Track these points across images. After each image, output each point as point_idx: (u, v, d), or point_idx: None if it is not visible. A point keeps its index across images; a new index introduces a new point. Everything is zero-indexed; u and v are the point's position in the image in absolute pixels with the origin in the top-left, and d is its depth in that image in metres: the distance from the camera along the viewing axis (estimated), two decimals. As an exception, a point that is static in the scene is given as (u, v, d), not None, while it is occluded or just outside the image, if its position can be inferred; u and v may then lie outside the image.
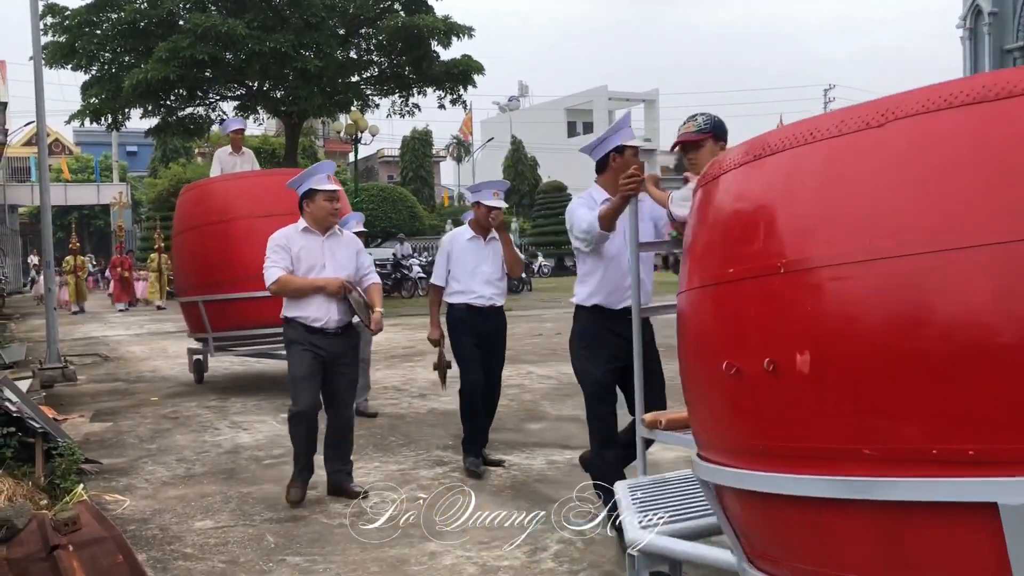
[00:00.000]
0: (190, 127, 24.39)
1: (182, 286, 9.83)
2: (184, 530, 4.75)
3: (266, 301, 7.75)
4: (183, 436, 7.27)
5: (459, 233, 5.92)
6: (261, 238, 8.08)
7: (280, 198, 8.23)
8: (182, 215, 9.69)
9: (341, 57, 23.03)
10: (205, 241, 9.11)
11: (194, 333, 9.79)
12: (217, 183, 9.65)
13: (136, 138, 44.16)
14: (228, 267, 8.76)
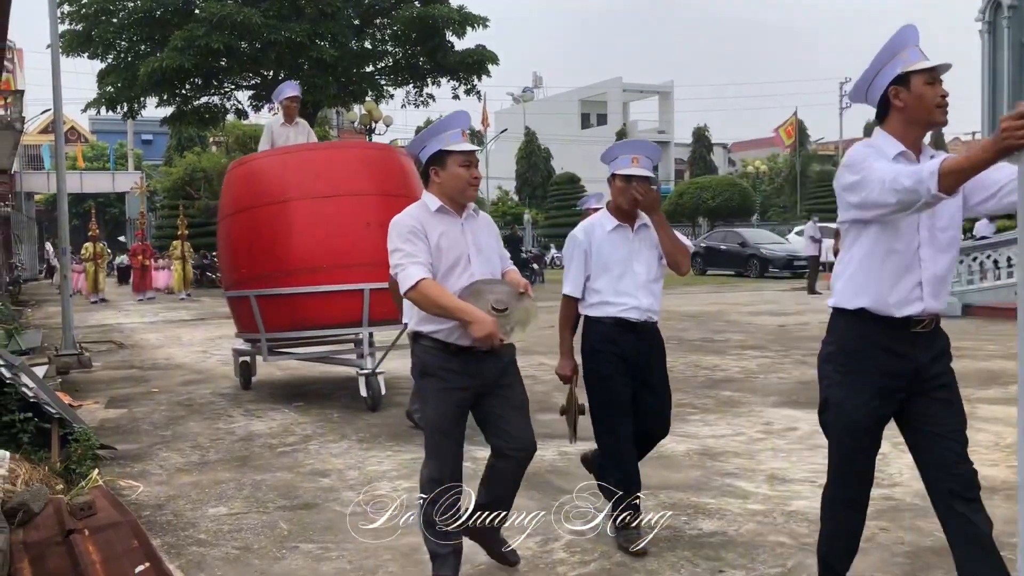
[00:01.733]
0: (205, 116, 24.50)
1: (230, 278, 8.36)
2: (198, 516, 4.79)
3: (332, 297, 7.31)
4: (197, 423, 7.32)
5: (596, 223, 4.20)
6: (326, 222, 7.41)
7: (349, 175, 7.65)
8: (230, 195, 8.26)
9: (356, 47, 23.07)
10: (258, 226, 7.79)
11: (243, 333, 8.48)
12: (272, 157, 8.19)
13: (151, 127, 44.41)
14: (286, 256, 7.54)
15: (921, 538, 4.18)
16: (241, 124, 32.50)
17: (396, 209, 7.13)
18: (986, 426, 6.37)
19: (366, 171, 7.85)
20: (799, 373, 9.17)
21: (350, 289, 7.33)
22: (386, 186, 7.73)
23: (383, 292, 6.87)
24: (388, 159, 8.18)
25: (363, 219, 7.35)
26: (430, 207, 3.70)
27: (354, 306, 7.36)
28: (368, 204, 7.50)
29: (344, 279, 7.34)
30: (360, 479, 5.46)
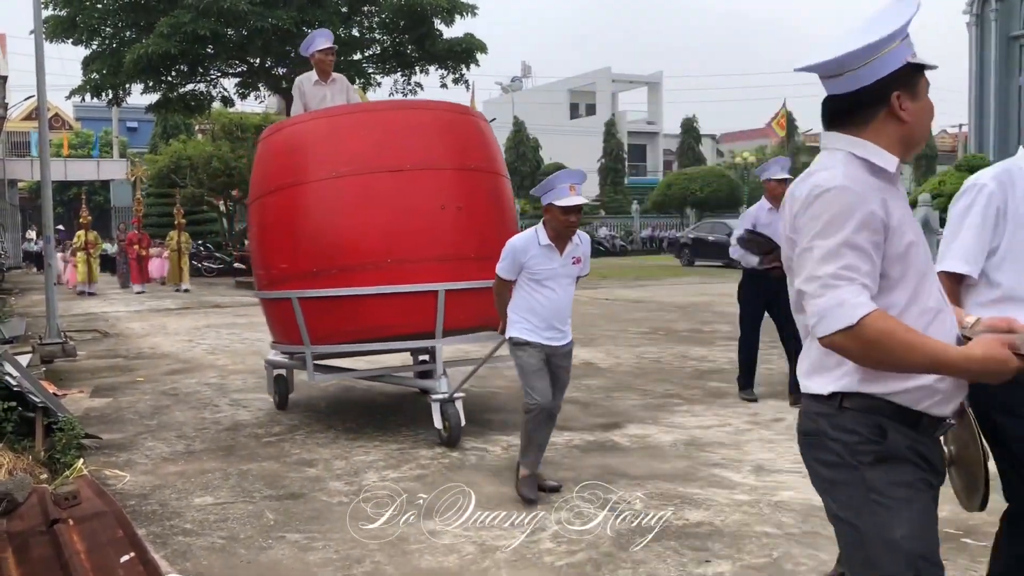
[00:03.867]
0: (191, 103, 24.33)
1: (266, 275, 6.54)
2: (184, 506, 4.77)
3: (396, 300, 5.92)
4: (183, 413, 7.28)
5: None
6: (389, 204, 5.96)
7: (420, 144, 6.14)
8: (264, 171, 6.59)
9: (343, 35, 22.93)
10: (301, 209, 6.15)
11: (281, 343, 6.78)
12: (319, 121, 6.35)
13: (137, 114, 44.06)
14: (337, 248, 6.00)
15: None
16: (227, 112, 32.26)
17: (477, 187, 6.34)
18: (970, 417, 6.40)
19: (440, 139, 6.27)
20: (785, 364, 9.19)
21: (420, 291, 5.91)
22: (466, 158, 6.30)
23: (461, 295, 5.96)
24: (467, 124, 6.58)
25: (437, 200, 6.04)
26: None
27: (424, 312, 5.94)
28: (443, 181, 6.15)
29: (412, 278, 5.93)
30: (347, 469, 5.45)
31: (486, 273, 5.47)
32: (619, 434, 6.24)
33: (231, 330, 13.47)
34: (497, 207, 6.49)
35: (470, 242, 6.09)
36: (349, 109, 6.62)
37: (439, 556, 3.98)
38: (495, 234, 5.95)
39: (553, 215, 4.62)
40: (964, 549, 3.92)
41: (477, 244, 6.07)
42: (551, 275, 4.68)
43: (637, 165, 61.79)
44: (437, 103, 6.42)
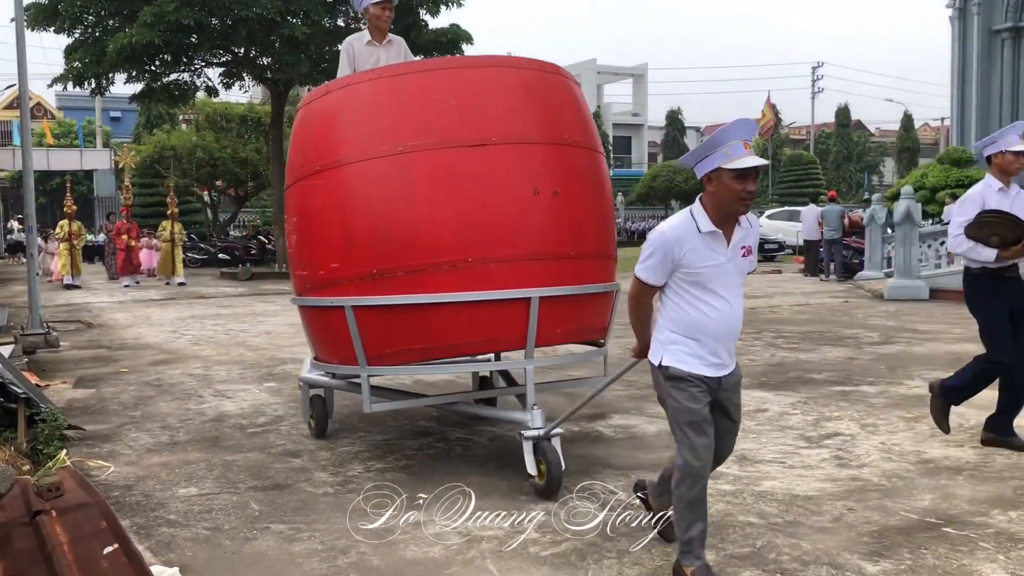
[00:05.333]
0: (175, 93, 24.13)
1: (311, 277, 5.25)
2: (168, 497, 4.75)
3: (478, 308, 4.67)
4: (167, 404, 7.25)
5: None
6: (469, 188, 4.71)
7: (507, 111, 4.88)
8: (306, 148, 5.30)
9: (328, 25, 22.81)
10: (357, 194, 4.89)
11: (327, 361, 5.44)
12: (377, 82, 5.04)
13: (120, 103, 43.75)
14: (404, 243, 4.73)
15: (887, 517, 4.24)
16: (211, 102, 32.10)
17: (575, 167, 5.05)
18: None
19: (530, 105, 4.97)
20: (768, 355, 9.25)
21: (509, 298, 4.68)
22: (561, 129, 5.02)
23: (557, 304, 4.77)
24: (560, 87, 5.21)
25: (529, 183, 4.77)
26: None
27: (512, 325, 4.74)
28: (535, 158, 4.86)
29: (498, 282, 4.68)
30: (332, 460, 5.45)
31: (585, 275, 4.93)
32: (604, 424, 6.26)
33: (215, 321, 13.42)
34: (597, 192, 5.18)
35: (568, 237, 4.87)
36: (417, 66, 5.22)
37: (424, 547, 3.99)
38: (595, 227, 5.08)
39: (723, 185, 3.31)
40: (944, 538, 3.97)
41: (575, 239, 4.91)
42: (717, 274, 3.39)
43: (622, 157, 61.87)
44: (522, 59, 5.09)
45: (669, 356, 3.45)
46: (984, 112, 24.06)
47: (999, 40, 23.92)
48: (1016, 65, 23.80)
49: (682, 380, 3.41)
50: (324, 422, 6.01)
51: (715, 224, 3.37)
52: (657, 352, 3.51)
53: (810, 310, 13.86)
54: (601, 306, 5.20)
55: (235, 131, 34.01)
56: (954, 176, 20.80)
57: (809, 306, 14.42)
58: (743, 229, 3.46)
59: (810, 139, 58.02)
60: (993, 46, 24.05)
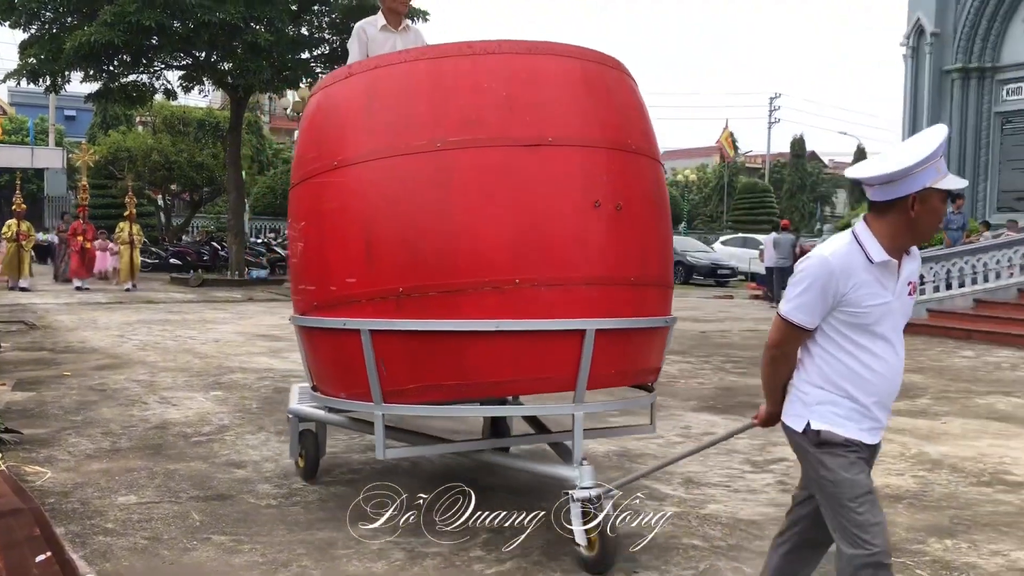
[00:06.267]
0: (132, 95, 23.75)
1: (318, 293, 4.45)
2: (106, 505, 4.65)
3: (524, 340, 3.93)
4: (110, 409, 7.11)
5: None
6: (519, 195, 3.97)
7: (565, 107, 4.15)
8: (320, 139, 4.50)
9: (292, 33, 22.69)
10: (383, 196, 4.12)
11: (331, 393, 4.58)
12: (413, 66, 4.25)
13: (75, 102, 42.95)
14: (439, 257, 3.97)
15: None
16: (170, 105, 31.70)
17: (638, 177, 4.30)
18: (894, 436, 6.57)
19: (592, 101, 4.23)
20: (718, 379, 9.35)
21: (561, 329, 3.95)
22: (625, 132, 4.30)
23: (614, 338, 4.06)
24: (622, 83, 4.49)
25: (590, 194, 4.04)
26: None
27: (562, 362, 4.00)
28: (597, 165, 4.13)
29: (549, 309, 3.94)
30: (277, 471, 5.38)
31: (647, 306, 4.26)
32: (553, 444, 6.25)
33: (163, 327, 13.20)
34: (660, 209, 4.51)
35: (629, 259, 4.17)
36: (461, 48, 4.23)
37: (367, 562, 3.95)
38: (658, 249, 4.42)
39: (929, 208, 2.68)
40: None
41: (638, 263, 4.22)
42: (884, 315, 2.75)
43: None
44: (583, 49, 4.34)
45: (819, 419, 2.76)
46: (934, 149, 24.62)
47: (949, 80, 24.56)
48: (964, 103, 24.46)
49: (838, 447, 2.73)
50: (315, 461, 5.20)
51: (889, 252, 2.72)
52: (800, 415, 2.81)
53: (759, 336, 14.04)
54: (659, 344, 4.51)
55: (192, 135, 33.60)
56: (903, 210, 21.24)
57: (758, 332, 14.61)
58: (912, 260, 2.83)
59: (766, 168, 58.96)
60: (944, 85, 24.69)
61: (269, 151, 44.92)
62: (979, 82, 24.39)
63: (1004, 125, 24.30)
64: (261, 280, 23.85)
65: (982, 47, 24.14)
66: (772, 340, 2.86)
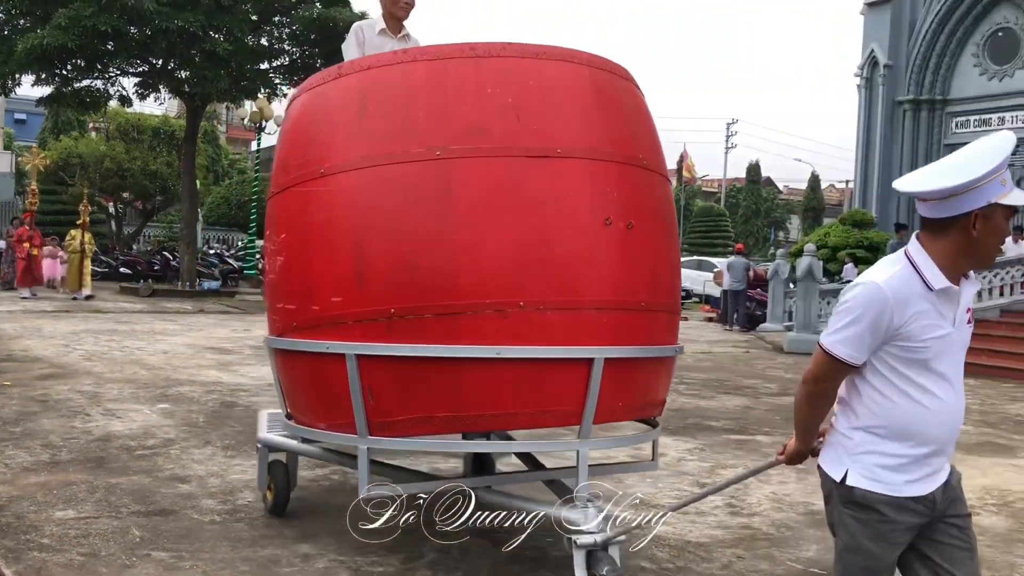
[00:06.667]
0: (86, 100, 23.36)
1: (299, 312, 4.05)
2: (43, 519, 4.52)
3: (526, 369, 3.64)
4: (51, 420, 6.93)
5: None
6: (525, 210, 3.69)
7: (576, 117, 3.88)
8: (306, 143, 4.15)
9: (252, 43, 22.51)
10: (375, 208, 3.79)
11: (308, 423, 4.18)
12: (411, 67, 3.93)
13: (26, 105, 42.22)
14: (438, 277, 3.65)
15: (774, 567, 4.31)
16: (124, 112, 31.22)
17: (649, 194, 4.04)
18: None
19: (605, 114, 3.99)
20: (670, 400, 9.35)
21: (568, 358, 3.69)
22: (635, 146, 4.04)
23: (624, 368, 3.83)
24: (631, 94, 4.24)
25: (601, 211, 3.78)
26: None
27: (567, 393, 3.74)
28: (609, 180, 3.87)
29: (556, 335, 3.67)
30: (222, 487, 5.28)
31: (657, 334, 4.01)
32: (503, 462, 6.22)
33: (111, 337, 12.94)
34: (670, 229, 4.28)
35: (641, 283, 3.92)
36: (463, 50, 3.93)
37: (311, 581, 3.88)
38: (669, 271, 4.18)
39: (992, 227, 2.38)
40: (827, 589, 4.06)
41: (649, 286, 3.96)
42: (943, 349, 2.44)
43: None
44: (593, 56, 4.08)
45: (860, 471, 2.44)
46: (885, 177, 25.19)
47: (901, 111, 25.17)
48: (916, 134, 25.07)
49: (871, 510, 2.41)
50: (285, 494, 4.76)
51: (949, 278, 2.41)
52: (839, 461, 2.49)
53: (712, 358, 14.16)
54: (666, 374, 4.27)
55: (147, 143, 33.14)
56: (855, 237, 21.65)
57: (712, 354, 14.73)
58: (971, 284, 2.50)
59: (722, 192, 59.73)
60: (896, 116, 25.29)
61: (225, 161, 44.46)
62: (930, 114, 25.01)
63: (952, 157, 24.89)
64: (213, 292, 23.51)
65: (932, 80, 24.78)
66: (811, 374, 2.52)
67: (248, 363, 10.82)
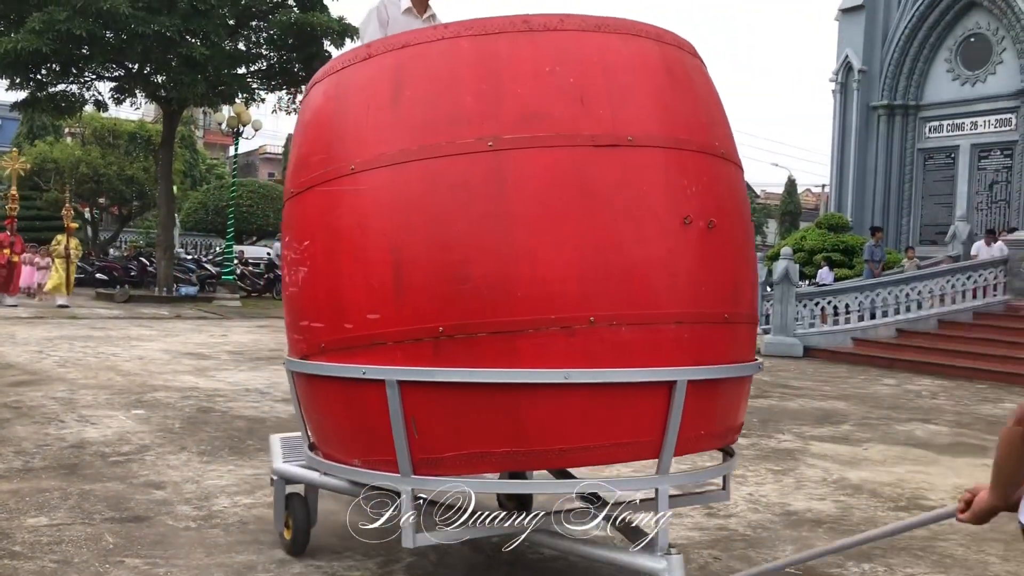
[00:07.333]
0: (61, 104, 23.20)
1: (327, 332, 3.51)
2: (14, 527, 4.47)
3: (606, 397, 3.13)
4: (24, 427, 6.86)
5: None
6: (596, 207, 3.17)
7: (646, 101, 3.34)
8: (330, 137, 3.59)
9: (229, 47, 22.46)
10: (416, 210, 3.23)
11: (339, 457, 3.64)
12: (454, 44, 3.34)
13: (0, 110, 41.78)
14: (493, 290, 3.11)
15: (750, 567, 4.33)
16: (100, 116, 31.01)
17: (729, 189, 3.56)
18: (816, 462, 6.70)
19: (679, 96, 3.46)
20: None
21: (648, 381, 3.19)
22: (711, 133, 3.54)
23: (709, 390, 3.37)
24: (705, 77, 3.75)
25: (679, 208, 3.28)
26: None
27: (647, 421, 3.26)
28: (686, 172, 3.35)
29: (631, 354, 3.17)
30: (197, 493, 5.24)
31: (740, 349, 3.55)
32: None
33: (85, 343, 12.83)
34: (749, 228, 3.79)
35: (723, 291, 3.44)
36: (516, 23, 3.37)
37: (287, 585, 3.86)
38: (750, 277, 3.70)
39: None
40: None
41: (731, 295, 3.48)
42: None
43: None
44: (660, 29, 3.57)
45: None
46: (860, 181, 25.44)
47: (876, 116, 25.41)
48: (890, 139, 25.31)
49: None
50: (305, 531, 4.20)
51: None
52: None
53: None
54: (746, 395, 3.80)
55: (123, 148, 32.92)
56: (830, 241, 21.84)
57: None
58: None
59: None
60: (871, 121, 25.53)
61: (202, 166, 44.19)
62: (903, 119, 25.27)
63: (926, 161, 25.20)
64: (190, 297, 23.37)
65: (906, 85, 25.04)
66: None
67: (225, 368, 10.76)
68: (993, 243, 17.47)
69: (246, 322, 18.25)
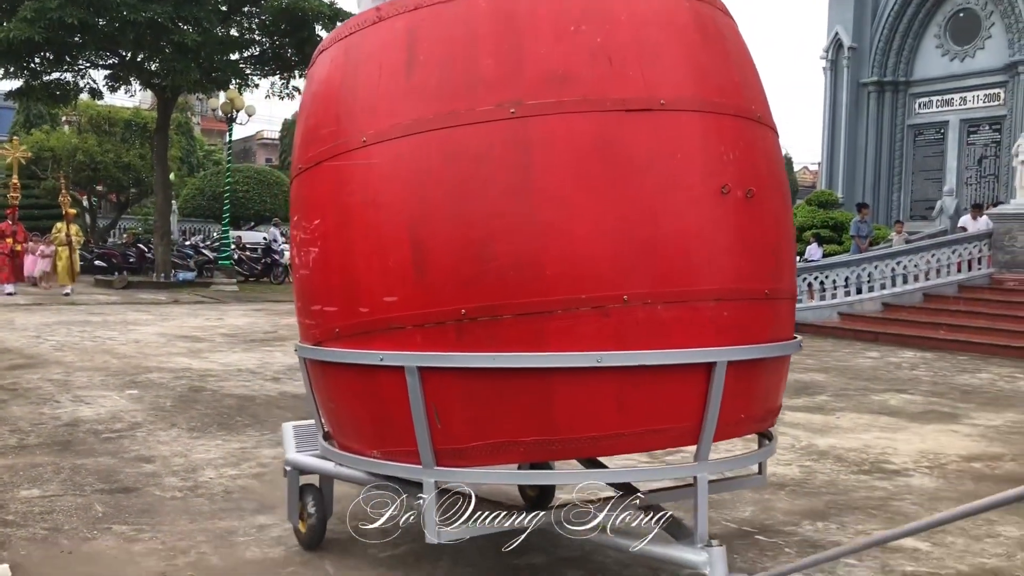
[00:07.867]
0: (56, 93, 23.31)
1: (341, 316, 3.31)
2: (7, 498, 4.70)
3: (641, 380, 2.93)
4: (20, 407, 7.09)
5: None
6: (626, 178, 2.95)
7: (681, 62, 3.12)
8: (338, 108, 3.35)
9: (221, 33, 22.54)
10: (435, 183, 3.01)
11: (358, 448, 3.47)
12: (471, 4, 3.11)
13: (-4, 99, 41.81)
14: (519, 268, 2.90)
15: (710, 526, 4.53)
16: (95, 104, 31.09)
17: (767, 156, 3.32)
18: (788, 430, 6.91)
19: (713, 57, 3.23)
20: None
21: (687, 362, 2.99)
22: (750, 99, 3.32)
23: (749, 371, 3.17)
24: (739, 37, 3.48)
25: (715, 176, 3.07)
26: None
27: (685, 405, 3.06)
28: (723, 137, 3.14)
29: (669, 334, 2.97)
30: (185, 466, 5.46)
31: (781, 326, 3.33)
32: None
33: (83, 328, 13.05)
34: (787, 197, 3.57)
35: (763, 265, 3.22)
36: None
37: (265, 548, 4.08)
38: (790, 250, 3.50)
39: None
40: (755, 544, 4.31)
41: (772, 269, 3.27)
42: None
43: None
44: None
45: None
46: (851, 158, 25.57)
47: (866, 92, 25.51)
48: (880, 116, 25.42)
49: None
50: (321, 524, 4.01)
51: None
52: None
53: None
54: (785, 375, 3.60)
55: (119, 135, 33.03)
56: (820, 217, 21.99)
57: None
58: None
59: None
60: (861, 98, 25.63)
61: (200, 152, 44.28)
62: (893, 95, 25.36)
63: (916, 137, 25.32)
64: (188, 282, 23.57)
65: (896, 62, 25.11)
66: None
67: (219, 350, 10.98)
68: (979, 217, 17.64)
69: (242, 306, 18.48)
